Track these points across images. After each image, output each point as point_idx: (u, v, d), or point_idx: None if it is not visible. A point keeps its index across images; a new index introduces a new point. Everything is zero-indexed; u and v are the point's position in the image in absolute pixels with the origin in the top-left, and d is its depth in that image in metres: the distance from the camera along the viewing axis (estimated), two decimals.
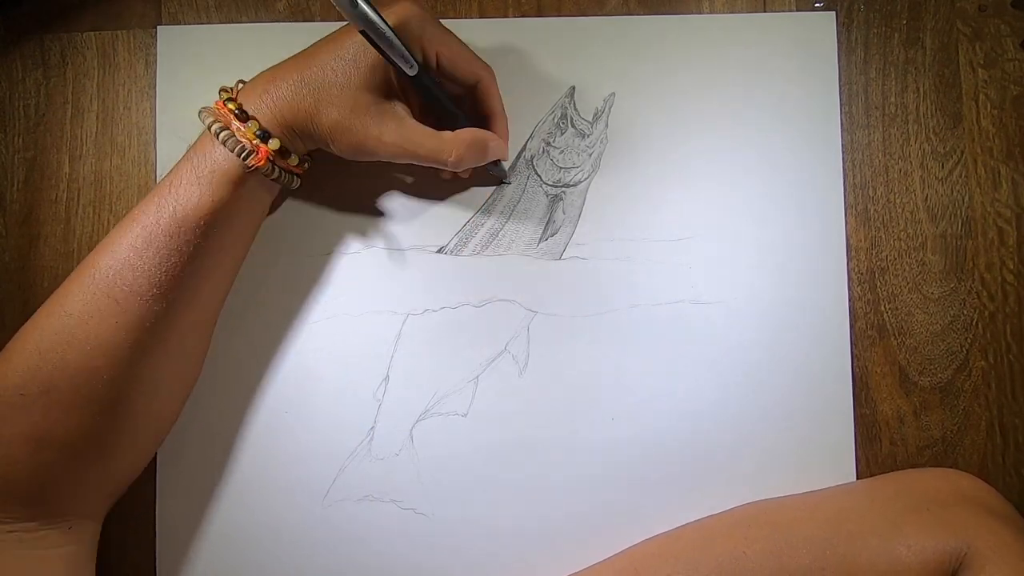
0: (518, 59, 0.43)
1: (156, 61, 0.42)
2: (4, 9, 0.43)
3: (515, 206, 0.42)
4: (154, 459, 0.41)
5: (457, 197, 0.42)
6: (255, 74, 0.37)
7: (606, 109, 0.42)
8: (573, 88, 0.43)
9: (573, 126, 0.42)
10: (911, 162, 0.43)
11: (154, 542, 0.41)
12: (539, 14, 0.43)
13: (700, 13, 0.43)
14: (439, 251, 0.42)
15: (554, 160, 0.42)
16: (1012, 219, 0.42)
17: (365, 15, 0.32)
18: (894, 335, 0.42)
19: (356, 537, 0.41)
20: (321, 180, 0.41)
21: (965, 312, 0.42)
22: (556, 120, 0.42)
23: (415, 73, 0.34)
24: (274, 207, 0.42)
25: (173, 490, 0.41)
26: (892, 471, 0.41)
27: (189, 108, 0.42)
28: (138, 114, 0.43)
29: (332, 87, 0.35)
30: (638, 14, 0.43)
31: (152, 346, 0.35)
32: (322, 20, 0.43)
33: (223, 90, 0.36)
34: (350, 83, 0.35)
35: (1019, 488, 0.41)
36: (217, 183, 0.34)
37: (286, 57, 0.43)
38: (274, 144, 0.35)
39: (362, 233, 0.42)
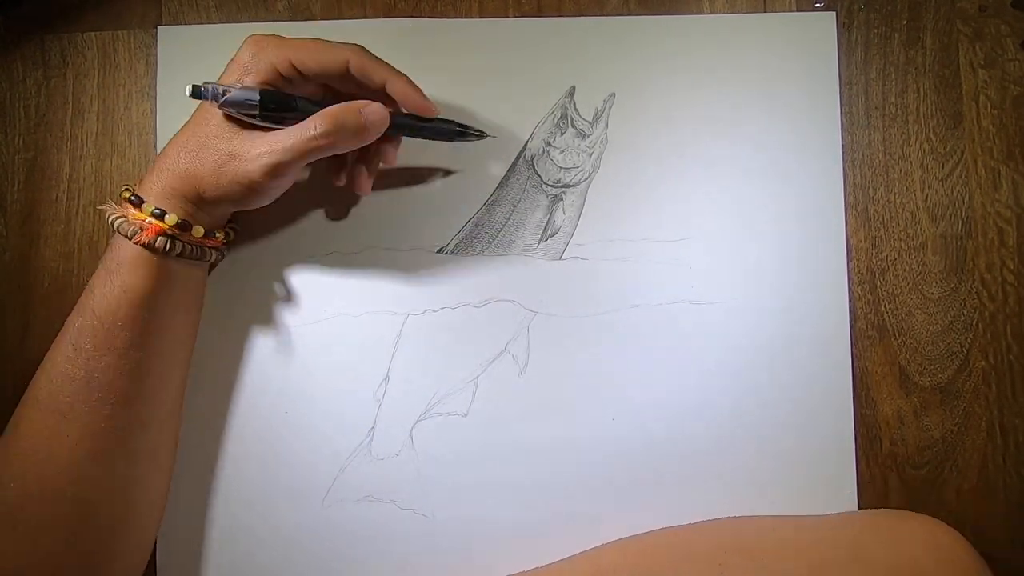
0: (518, 59, 0.43)
1: (156, 61, 0.43)
2: (4, 9, 0.43)
3: (515, 206, 0.42)
4: None
5: (457, 197, 0.42)
6: None
7: (606, 109, 0.42)
8: (573, 88, 0.43)
9: (573, 126, 0.42)
10: (911, 162, 0.43)
11: (154, 542, 0.41)
12: (539, 14, 0.43)
13: (700, 13, 0.43)
14: (439, 251, 0.42)
15: (554, 160, 0.42)
16: (1012, 219, 0.42)
17: (228, 101, 0.34)
18: (894, 335, 0.42)
19: (356, 537, 0.41)
20: (321, 180, 0.41)
21: (965, 312, 0.42)
22: (556, 120, 0.42)
23: (256, 115, 0.35)
24: (274, 211, 0.42)
25: (173, 490, 0.41)
26: (892, 471, 0.41)
27: (189, 108, 0.42)
28: (138, 114, 0.43)
29: (204, 141, 0.35)
30: (638, 14, 0.43)
31: (112, 450, 0.35)
32: (323, 19, 0.43)
33: (124, 188, 0.36)
34: (206, 129, 0.35)
35: (1019, 488, 0.41)
36: (124, 272, 0.34)
37: None
38: (170, 219, 0.35)
39: (362, 233, 0.42)
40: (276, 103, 0.35)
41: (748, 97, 0.42)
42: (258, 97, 0.34)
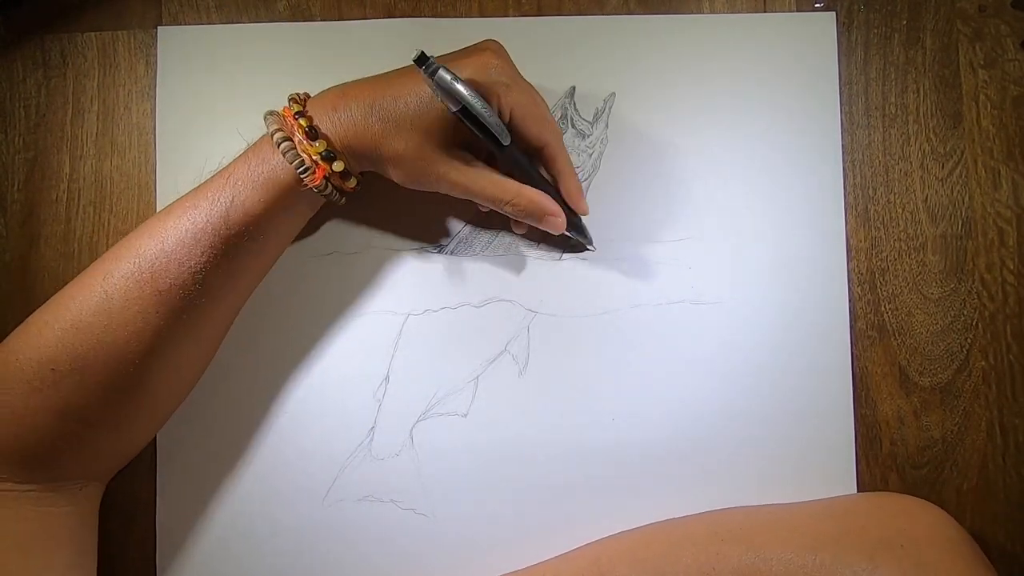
0: (518, 59, 0.42)
1: (156, 61, 0.42)
2: (4, 9, 0.43)
3: None
4: (154, 460, 0.41)
5: (457, 197, 0.42)
6: (254, 75, 0.37)
7: (606, 109, 0.42)
8: (573, 88, 0.43)
9: (573, 126, 0.42)
10: (911, 162, 0.43)
11: (154, 542, 0.41)
12: (539, 14, 0.43)
13: (700, 13, 0.43)
14: (439, 251, 0.42)
15: None
16: (1012, 219, 0.42)
17: (463, 96, 0.32)
18: (894, 335, 0.42)
19: (356, 537, 0.41)
20: None
21: (965, 312, 0.42)
22: (556, 120, 0.42)
23: (507, 144, 0.34)
24: None
25: (173, 490, 0.41)
26: (892, 471, 0.41)
27: (189, 108, 0.42)
28: (138, 114, 0.43)
29: (403, 120, 0.34)
30: (638, 14, 0.43)
31: (184, 337, 0.36)
32: (322, 20, 0.43)
33: (292, 100, 0.36)
34: (422, 120, 0.34)
35: (1019, 488, 0.41)
36: (271, 191, 0.35)
37: (286, 57, 0.43)
38: (338, 166, 0.35)
39: (362, 233, 0.42)
40: (479, 126, 0.34)
41: (748, 97, 0.42)
42: (480, 108, 0.33)
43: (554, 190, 0.39)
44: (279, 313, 0.42)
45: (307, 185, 0.35)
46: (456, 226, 0.42)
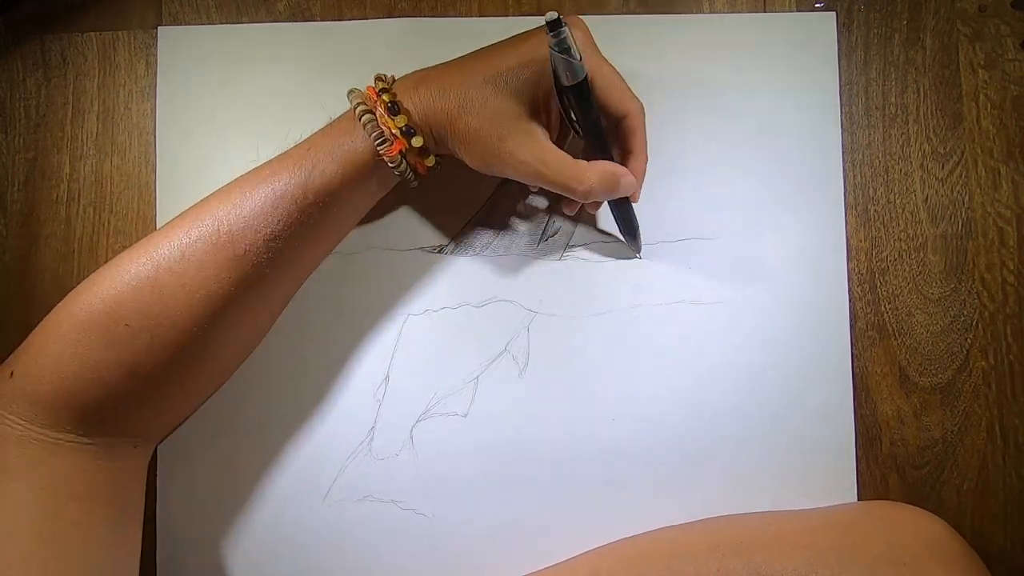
0: None
1: (156, 62, 0.43)
2: (4, 9, 0.43)
3: (515, 206, 0.42)
4: (154, 460, 0.41)
5: (457, 197, 0.42)
6: (254, 75, 0.37)
7: None
8: None
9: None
10: (911, 162, 0.43)
11: (154, 542, 0.41)
12: (539, 14, 0.43)
13: (700, 13, 0.43)
14: (439, 251, 0.42)
15: None
16: (1012, 219, 0.42)
17: (579, 69, 0.33)
18: (894, 335, 0.42)
19: (356, 537, 0.41)
20: None
21: (965, 312, 0.42)
22: None
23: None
24: None
25: (173, 490, 0.41)
26: (892, 471, 0.41)
27: (189, 108, 0.42)
28: (138, 114, 0.43)
29: (479, 96, 0.35)
30: (638, 14, 0.43)
31: (252, 304, 0.36)
32: (322, 20, 0.43)
33: (379, 78, 0.37)
34: (497, 97, 0.35)
35: (1019, 488, 0.41)
36: (350, 163, 0.35)
37: (286, 57, 0.43)
38: (417, 142, 0.35)
39: (362, 233, 0.42)
40: (579, 103, 0.34)
41: (748, 97, 0.42)
42: (581, 81, 0.33)
43: (608, 149, 0.38)
44: (279, 313, 0.42)
45: (383, 156, 0.35)
46: (456, 226, 0.42)
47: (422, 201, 0.42)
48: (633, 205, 0.40)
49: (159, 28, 0.43)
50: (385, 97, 0.35)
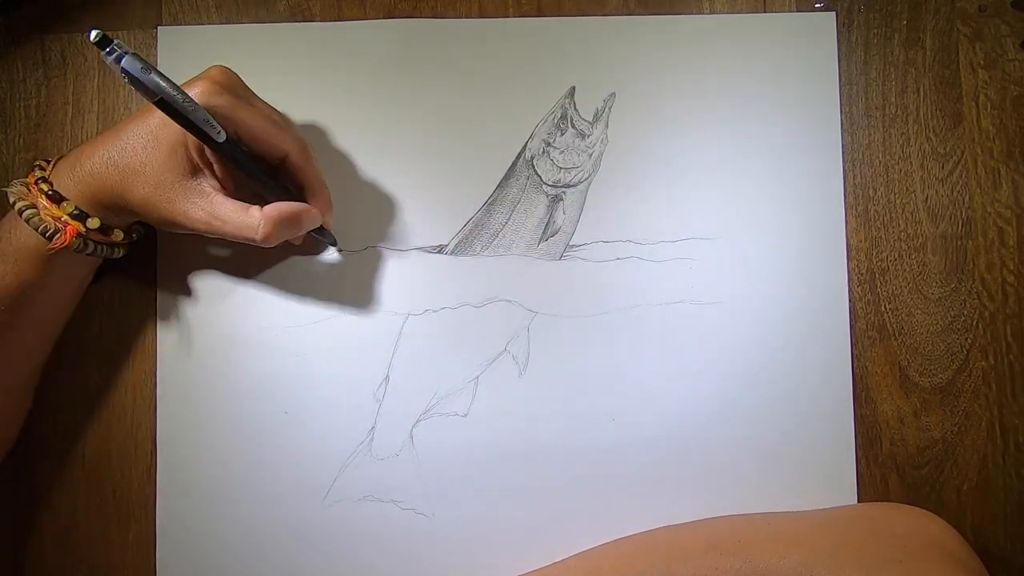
0: (518, 59, 0.43)
1: (156, 62, 0.42)
2: (4, 9, 0.43)
3: (515, 206, 0.42)
4: (154, 460, 0.41)
5: (457, 197, 0.42)
6: (254, 75, 0.37)
7: (606, 109, 0.42)
8: (573, 88, 0.43)
9: (573, 126, 0.42)
10: (911, 162, 0.43)
11: (154, 542, 0.41)
12: (539, 14, 0.43)
13: (700, 13, 0.43)
14: (439, 251, 0.42)
15: (554, 160, 0.42)
16: (1012, 219, 0.42)
17: (158, 86, 0.31)
18: (894, 335, 0.42)
19: (356, 537, 0.41)
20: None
21: (965, 312, 0.42)
22: (556, 120, 0.42)
23: (222, 140, 0.33)
24: None
25: (173, 490, 0.41)
26: (892, 471, 0.41)
27: None
28: None
29: (136, 165, 0.34)
30: (638, 14, 0.43)
31: None
32: (322, 20, 0.43)
33: (37, 166, 0.36)
34: (153, 161, 0.34)
35: (1019, 489, 0.41)
36: (22, 261, 0.34)
37: (286, 57, 0.43)
38: (93, 223, 0.35)
39: (362, 233, 0.42)
40: (235, 160, 0.34)
41: (748, 97, 0.42)
42: (223, 139, 0.33)
43: (283, 188, 0.38)
44: (279, 313, 0.42)
45: (56, 247, 0.34)
46: (456, 226, 0.42)
47: (422, 201, 0.42)
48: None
49: (159, 28, 0.43)
50: (43, 187, 0.34)
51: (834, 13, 0.43)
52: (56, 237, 0.34)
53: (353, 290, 0.42)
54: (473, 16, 0.43)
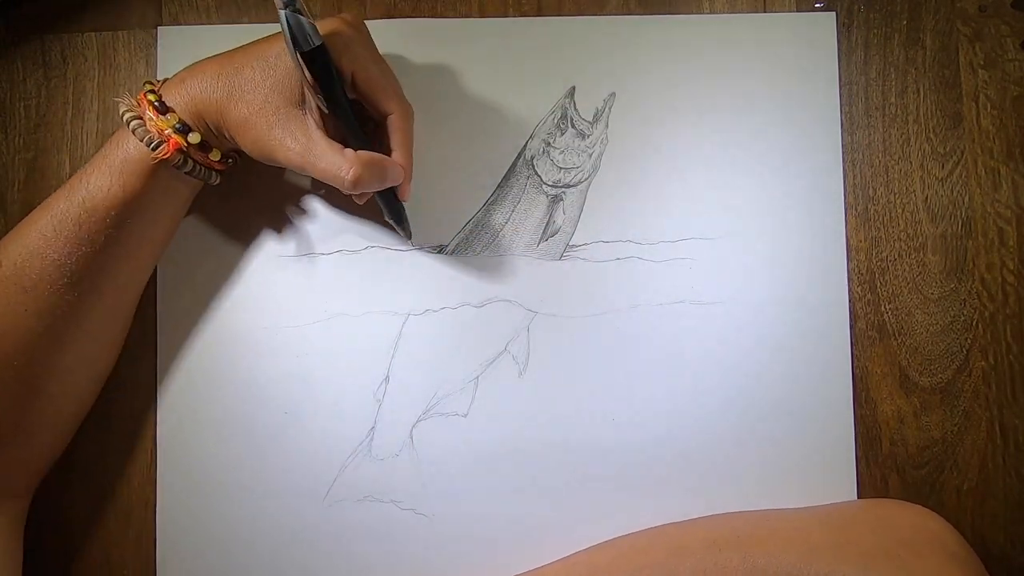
0: (518, 59, 0.43)
1: (156, 62, 0.42)
2: (4, 9, 0.43)
3: (515, 206, 0.42)
4: (154, 460, 0.41)
5: (457, 197, 0.42)
6: None
7: (606, 109, 0.42)
8: (573, 88, 0.43)
9: (573, 126, 0.42)
10: (911, 162, 0.43)
11: (154, 542, 0.41)
12: (539, 14, 0.43)
13: (700, 13, 0.43)
14: (439, 251, 0.42)
15: (554, 160, 0.42)
16: (1012, 219, 0.42)
17: (306, 34, 0.32)
18: (894, 335, 0.42)
19: (356, 537, 0.41)
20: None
21: (965, 312, 0.42)
22: (556, 120, 0.42)
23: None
24: (274, 211, 0.42)
25: (173, 490, 0.41)
26: (892, 471, 0.41)
27: None
28: None
29: (245, 84, 0.35)
30: (638, 14, 0.43)
31: (63, 333, 0.35)
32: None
33: (148, 82, 0.36)
34: (264, 84, 0.35)
35: (1019, 488, 0.41)
36: (128, 173, 0.35)
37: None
38: (194, 138, 0.35)
39: (362, 233, 0.42)
40: (323, 79, 0.34)
41: (748, 97, 0.42)
42: (317, 48, 0.32)
43: (368, 140, 0.37)
44: (279, 312, 0.42)
45: (159, 158, 0.34)
46: (456, 226, 0.42)
47: (422, 201, 0.42)
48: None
49: (159, 28, 0.43)
50: (151, 98, 0.35)
51: (834, 13, 0.43)
52: (159, 148, 0.34)
53: (353, 290, 0.42)
54: (473, 16, 0.43)
